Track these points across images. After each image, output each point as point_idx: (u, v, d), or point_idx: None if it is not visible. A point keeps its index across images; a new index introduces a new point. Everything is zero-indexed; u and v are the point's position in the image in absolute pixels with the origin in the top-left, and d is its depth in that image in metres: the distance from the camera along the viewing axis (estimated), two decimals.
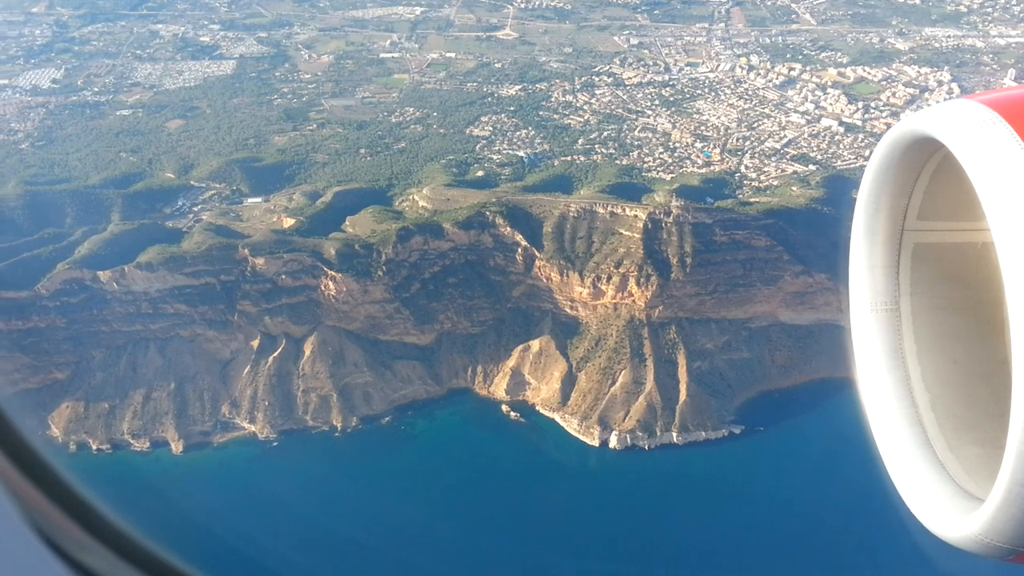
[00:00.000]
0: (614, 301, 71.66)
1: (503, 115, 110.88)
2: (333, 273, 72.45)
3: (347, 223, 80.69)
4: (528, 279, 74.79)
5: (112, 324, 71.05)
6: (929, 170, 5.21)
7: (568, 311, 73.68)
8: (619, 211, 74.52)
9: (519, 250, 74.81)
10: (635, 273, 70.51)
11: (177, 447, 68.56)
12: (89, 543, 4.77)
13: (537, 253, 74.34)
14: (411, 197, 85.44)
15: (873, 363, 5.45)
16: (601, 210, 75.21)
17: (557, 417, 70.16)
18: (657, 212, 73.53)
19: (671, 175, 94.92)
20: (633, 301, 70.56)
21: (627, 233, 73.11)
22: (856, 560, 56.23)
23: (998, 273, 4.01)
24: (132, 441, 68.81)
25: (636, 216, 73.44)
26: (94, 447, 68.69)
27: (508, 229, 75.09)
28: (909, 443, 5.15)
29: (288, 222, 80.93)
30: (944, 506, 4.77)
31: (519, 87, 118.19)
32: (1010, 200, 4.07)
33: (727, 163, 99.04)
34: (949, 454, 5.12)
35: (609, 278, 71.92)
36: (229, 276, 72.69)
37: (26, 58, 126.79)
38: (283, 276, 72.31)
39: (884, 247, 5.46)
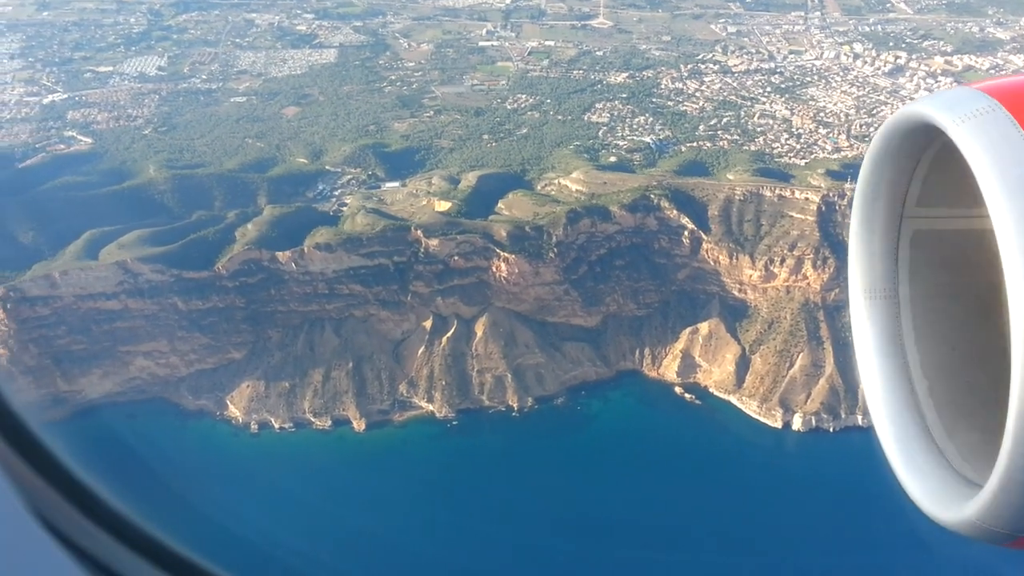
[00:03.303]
0: (786, 284, 71.90)
1: (616, 102, 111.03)
2: (506, 255, 72.77)
3: (501, 206, 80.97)
4: (694, 262, 75.04)
5: (289, 304, 71.47)
6: (929, 157, 5.23)
7: (736, 294, 73.90)
8: (788, 194, 74.72)
9: (685, 233, 75.04)
10: (811, 256, 70.73)
11: (359, 425, 68.97)
12: (92, 530, 4.70)
13: (704, 236, 74.57)
14: (557, 181, 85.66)
15: (872, 349, 5.48)
16: (768, 193, 75.42)
17: (734, 399, 70.41)
18: (831, 195, 73.67)
19: (804, 160, 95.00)
20: (808, 284, 70.79)
21: (798, 216, 73.29)
22: None
23: (997, 260, 4.02)
24: (314, 420, 69.22)
25: (807, 199, 73.61)
26: (276, 426, 69.11)
27: (674, 212, 75.31)
28: (907, 429, 5.18)
29: (443, 205, 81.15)
30: (942, 492, 4.79)
31: (626, 75, 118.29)
32: (1009, 187, 4.09)
33: (857, 149, 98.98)
34: (947, 440, 5.13)
35: (782, 260, 72.15)
36: (402, 257, 73.05)
37: (126, 46, 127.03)
38: (455, 257, 72.64)
39: (883, 234, 5.46)
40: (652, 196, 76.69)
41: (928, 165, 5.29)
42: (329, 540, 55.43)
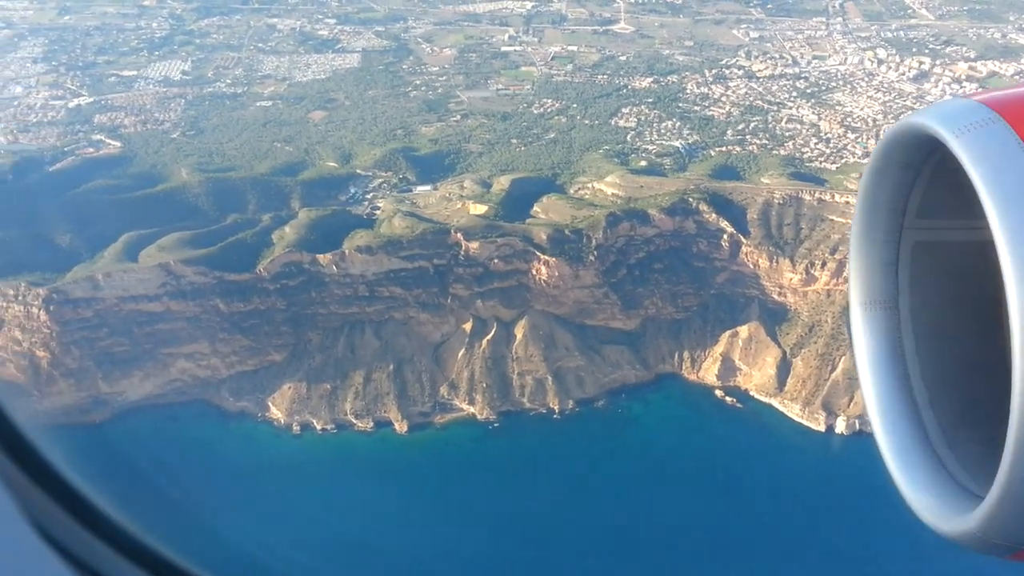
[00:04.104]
0: (827, 287, 71.90)
1: (643, 107, 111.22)
2: (546, 257, 72.78)
3: (537, 209, 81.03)
4: (733, 265, 75.04)
5: (329, 306, 71.42)
6: (929, 168, 5.21)
7: (776, 297, 73.88)
8: (828, 198, 74.81)
9: (724, 236, 75.09)
10: None
11: (401, 427, 68.86)
12: (89, 539, 4.69)
13: (743, 239, 74.60)
14: (590, 185, 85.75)
15: (872, 360, 5.45)
16: (808, 196, 75.51)
17: (775, 402, 70.29)
18: None
19: (835, 165, 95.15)
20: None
21: (839, 219, 73.35)
22: None
23: (998, 271, 4.01)
24: (355, 421, 69.10)
25: (848, 203, 73.66)
26: (318, 427, 69.02)
27: (713, 215, 75.38)
28: (908, 440, 5.16)
29: (479, 208, 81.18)
30: (943, 503, 4.75)
31: (650, 79, 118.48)
32: (1008, 199, 4.09)
33: None
34: (948, 451, 5.10)
35: (824, 264, 72.16)
36: (441, 260, 73.07)
37: (149, 50, 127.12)
38: (495, 260, 72.61)
39: (883, 245, 5.43)
40: (691, 200, 76.77)
41: (928, 176, 5.27)
42: (387, 542, 55.30)
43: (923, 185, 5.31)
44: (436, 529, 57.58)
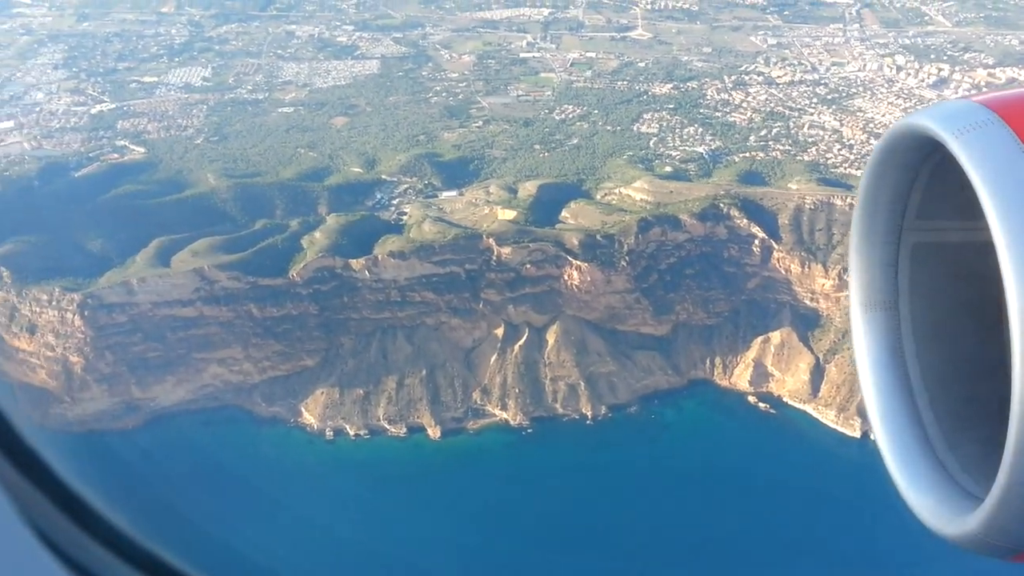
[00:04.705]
0: None
1: (664, 112, 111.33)
2: (578, 263, 72.77)
3: (566, 215, 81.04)
4: (764, 271, 75.00)
5: (362, 311, 71.40)
6: (928, 169, 5.20)
7: (808, 303, 73.80)
8: None
9: (756, 242, 75.07)
10: None
11: (435, 432, 68.73)
12: (85, 541, 4.67)
13: (775, 245, 74.59)
14: (618, 190, 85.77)
15: (872, 362, 5.45)
16: (839, 202, 75.52)
17: (809, 408, 70.12)
18: None
19: (860, 171, 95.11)
20: None
21: None
22: None
23: (998, 272, 4.01)
24: (388, 427, 68.99)
25: None
26: (351, 433, 68.91)
27: (744, 221, 75.40)
28: (908, 441, 5.14)
29: (509, 214, 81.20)
30: (943, 505, 4.75)
31: (670, 85, 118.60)
32: (1008, 200, 4.09)
33: None
34: (948, 453, 5.09)
35: None
36: (473, 265, 73.07)
37: (169, 56, 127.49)
38: (527, 265, 72.61)
39: (883, 246, 5.43)
40: (721, 205, 76.80)
41: (928, 178, 5.26)
42: (429, 549, 55.16)
43: (923, 186, 5.30)
44: (477, 535, 57.39)
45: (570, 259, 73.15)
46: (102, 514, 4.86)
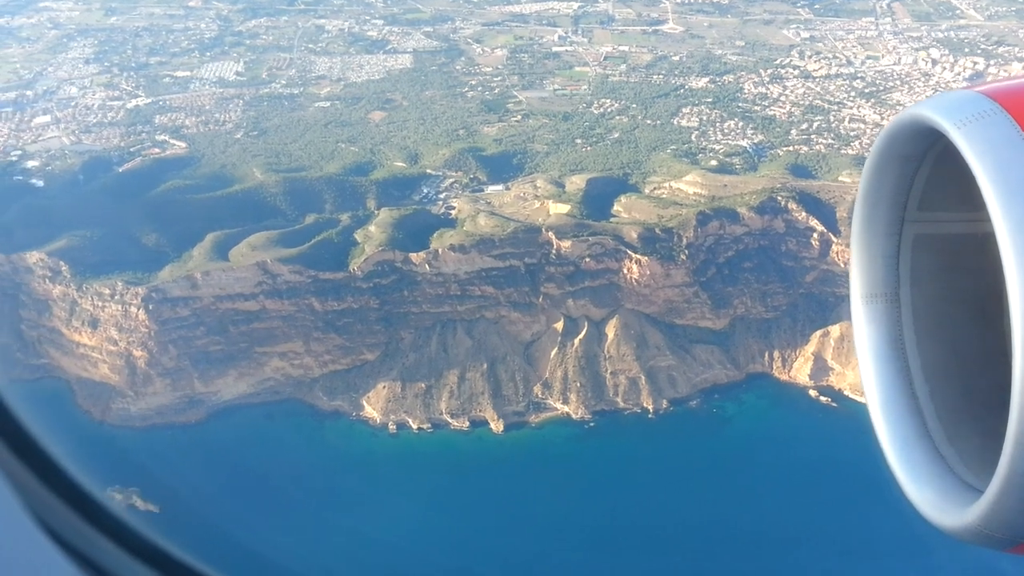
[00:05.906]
0: None
1: (702, 106, 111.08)
2: (638, 256, 72.55)
3: (619, 208, 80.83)
4: (823, 264, 74.84)
5: (422, 305, 71.20)
6: (930, 160, 5.17)
7: None
8: None
9: (814, 235, 74.92)
10: None
11: (497, 426, 68.55)
12: (92, 535, 4.66)
13: (834, 238, 74.43)
14: (667, 184, 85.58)
15: (872, 353, 5.44)
16: None
17: None
18: None
19: None
20: None
21: None
22: None
23: (999, 264, 3.97)
24: (451, 421, 68.83)
25: None
26: (414, 427, 68.72)
27: (803, 214, 75.21)
28: (908, 433, 5.13)
29: (561, 208, 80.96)
30: (943, 497, 4.73)
31: (706, 79, 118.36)
32: (1010, 191, 4.07)
33: None
34: (948, 445, 5.07)
35: None
36: (532, 259, 72.87)
37: (200, 51, 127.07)
38: (587, 259, 72.39)
39: (884, 237, 5.41)
40: (779, 198, 76.60)
41: (930, 168, 5.24)
42: (508, 541, 55.12)
43: (924, 177, 5.27)
44: (545, 528, 57.34)
45: (629, 253, 72.93)
46: (109, 508, 4.82)
